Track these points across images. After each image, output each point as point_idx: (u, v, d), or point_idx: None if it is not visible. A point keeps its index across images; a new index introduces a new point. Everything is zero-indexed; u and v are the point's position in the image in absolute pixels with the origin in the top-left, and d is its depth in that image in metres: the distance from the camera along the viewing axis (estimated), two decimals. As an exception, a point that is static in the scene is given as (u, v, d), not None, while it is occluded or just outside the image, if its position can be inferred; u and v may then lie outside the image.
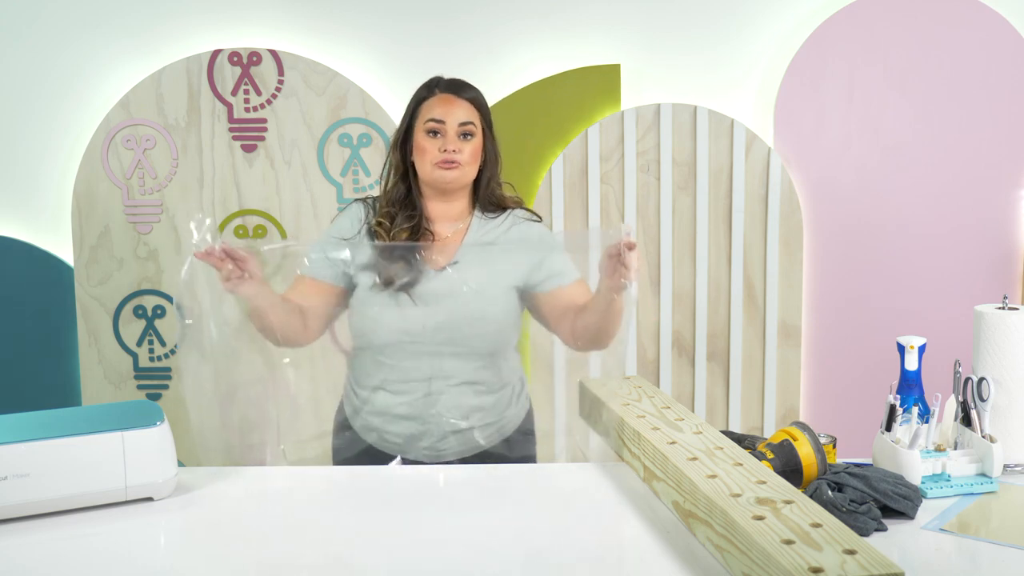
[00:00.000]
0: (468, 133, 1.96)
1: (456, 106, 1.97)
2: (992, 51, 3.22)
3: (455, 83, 2.01)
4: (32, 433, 1.63)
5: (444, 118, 1.95)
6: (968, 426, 1.78)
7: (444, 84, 2.01)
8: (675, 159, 3.27)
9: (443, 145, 1.94)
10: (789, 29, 3.28)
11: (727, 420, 3.35)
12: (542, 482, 1.79)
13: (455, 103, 1.97)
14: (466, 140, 1.96)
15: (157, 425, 1.70)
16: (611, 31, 3.28)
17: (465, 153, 1.95)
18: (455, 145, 1.94)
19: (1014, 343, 1.81)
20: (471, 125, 1.97)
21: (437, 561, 1.44)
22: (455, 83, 2.01)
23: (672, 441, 1.70)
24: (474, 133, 1.97)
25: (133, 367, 3.35)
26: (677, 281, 3.32)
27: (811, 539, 1.29)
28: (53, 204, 3.33)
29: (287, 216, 3.29)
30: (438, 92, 1.99)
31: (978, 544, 1.51)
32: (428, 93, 2.00)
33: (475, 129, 1.97)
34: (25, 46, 3.28)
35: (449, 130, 1.95)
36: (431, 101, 1.98)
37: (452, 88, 2.00)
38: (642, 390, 2.04)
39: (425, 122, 1.96)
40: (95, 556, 1.51)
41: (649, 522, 1.58)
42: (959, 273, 3.32)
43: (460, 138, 1.95)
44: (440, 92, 1.99)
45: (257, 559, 1.47)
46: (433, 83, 2.02)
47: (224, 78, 3.23)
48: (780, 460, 1.68)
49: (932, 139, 3.28)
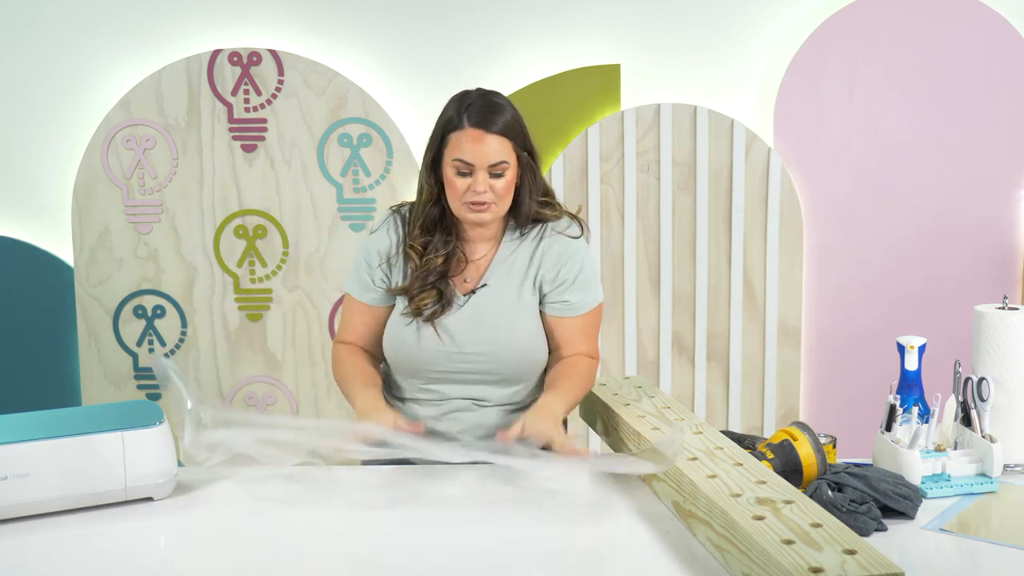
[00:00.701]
0: (499, 173, 1.82)
1: (485, 145, 1.80)
2: (992, 51, 3.22)
3: (485, 115, 1.82)
4: (32, 433, 1.63)
5: (473, 160, 1.80)
6: (968, 426, 1.78)
7: (474, 115, 1.82)
8: (675, 159, 3.27)
9: (473, 185, 1.81)
10: (789, 29, 3.28)
11: (727, 420, 3.35)
12: (542, 482, 1.78)
13: (484, 141, 1.80)
14: (498, 178, 1.82)
15: (157, 425, 1.70)
16: (611, 31, 3.28)
17: (497, 191, 1.83)
18: (484, 185, 1.81)
19: (1014, 343, 1.81)
20: (503, 164, 1.82)
21: (437, 561, 1.44)
22: (485, 115, 1.82)
23: (672, 441, 1.70)
24: (506, 170, 1.83)
25: (133, 367, 3.35)
26: (677, 281, 3.32)
27: (811, 539, 1.29)
28: (53, 204, 3.33)
29: (287, 216, 3.29)
30: (467, 125, 1.81)
31: (978, 544, 1.51)
32: (457, 122, 1.82)
33: (507, 165, 1.83)
34: (25, 46, 3.27)
35: (478, 171, 1.81)
36: (459, 136, 1.81)
37: (482, 122, 1.81)
38: (642, 390, 2.04)
39: (452, 160, 1.82)
40: (95, 556, 1.51)
41: (649, 522, 1.58)
42: (959, 273, 3.32)
43: (491, 176, 1.82)
44: (469, 126, 1.81)
45: (257, 559, 1.47)
46: (463, 107, 1.83)
47: (224, 78, 3.23)
48: (780, 460, 1.68)
49: (932, 139, 3.28)
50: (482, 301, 1.89)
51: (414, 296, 1.87)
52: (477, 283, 1.91)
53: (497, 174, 1.82)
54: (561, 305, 1.90)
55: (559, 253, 1.91)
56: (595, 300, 1.93)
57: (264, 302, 3.32)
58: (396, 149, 3.25)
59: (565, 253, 1.91)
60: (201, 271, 3.31)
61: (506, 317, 1.88)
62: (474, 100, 1.84)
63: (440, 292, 1.87)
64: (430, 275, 1.87)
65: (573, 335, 1.92)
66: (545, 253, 1.91)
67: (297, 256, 3.31)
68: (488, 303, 1.89)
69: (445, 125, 1.84)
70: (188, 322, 3.32)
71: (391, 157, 3.26)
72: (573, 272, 1.90)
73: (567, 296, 1.90)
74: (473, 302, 1.89)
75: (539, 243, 1.92)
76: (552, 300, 1.91)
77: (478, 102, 1.83)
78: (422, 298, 1.87)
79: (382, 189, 3.27)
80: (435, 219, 1.89)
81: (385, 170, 3.27)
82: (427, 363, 1.90)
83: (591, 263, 1.94)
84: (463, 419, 1.92)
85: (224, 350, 3.33)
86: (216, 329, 3.33)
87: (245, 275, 3.31)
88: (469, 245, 1.93)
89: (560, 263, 1.90)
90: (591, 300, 1.92)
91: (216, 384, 3.34)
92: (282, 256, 3.31)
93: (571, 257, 1.91)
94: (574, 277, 1.90)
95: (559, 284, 1.90)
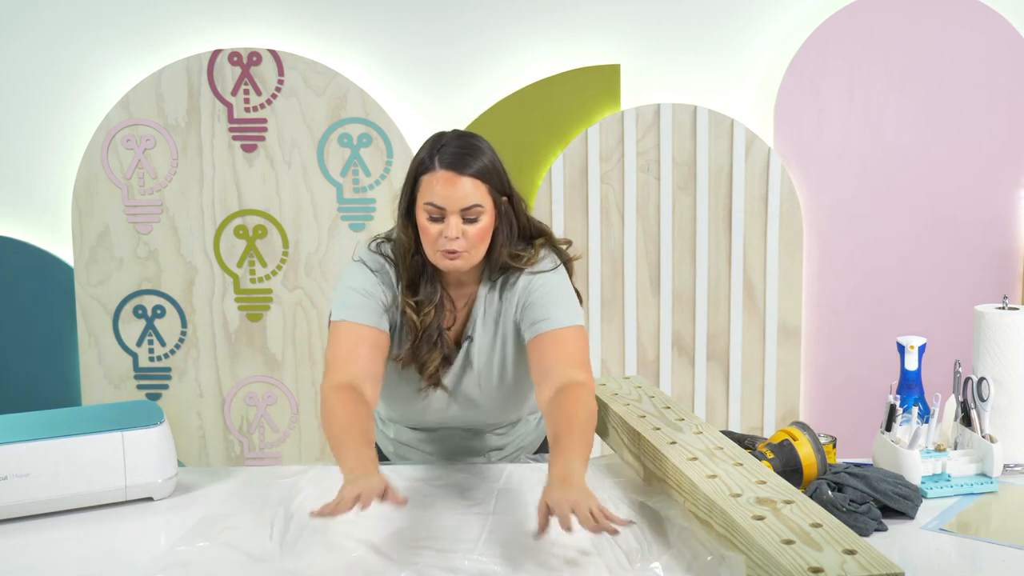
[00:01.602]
0: (473, 218, 1.71)
1: (457, 187, 1.69)
2: (992, 51, 3.22)
3: (458, 156, 1.71)
4: (32, 433, 1.63)
5: (444, 204, 1.69)
6: (968, 426, 1.78)
7: (446, 157, 1.71)
8: (675, 159, 3.27)
9: (444, 231, 1.70)
10: (789, 29, 3.28)
11: (727, 420, 3.35)
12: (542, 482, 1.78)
13: (456, 183, 1.69)
14: (471, 224, 1.71)
15: (157, 425, 1.70)
16: (611, 31, 3.28)
17: (470, 238, 1.71)
18: (456, 231, 1.70)
19: (1014, 343, 1.81)
20: (477, 208, 1.71)
21: (437, 561, 1.44)
22: (458, 156, 1.71)
23: (672, 441, 1.70)
24: (481, 214, 1.72)
25: (133, 367, 3.35)
26: (677, 281, 3.32)
27: (811, 539, 1.29)
28: (53, 204, 3.33)
29: (287, 216, 3.29)
30: (439, 167, 1.70)
31: (978, 544, 1.51)
32: (429, 164, 1.72)
33: (482, 210, 1.71)
34: (25, 46, 3.27)
35: (450, 215, 1.70)
36: (431, 177, 1.71)
37: (454, 163, 1.70)
38: (642, 390, 2.04)
39: (424, 204, 1.71)
40: (95, 556, 1.51)
41: (649, 522, 1.57)
42: (959, 273, 3.32)
43: (465, 222, 1.71)
44: (440, 168, 1.70)
45: (257, 559, 1.47)
46: (435, 149, 1.73)
47: (224, 78, 3.23)
48: (780, 460, 1.68)
49: (932, 139, 3.28)
50: (468, 354, 1.84)
51: (424, 362, 1.79)
52: (461, 332, 1.85)
53: (471, 219, 1.71)
54: (536, 325, 1.76)
55: (527, 283, 1.80)
56: (572, 319, 1.77)
57: (264, 302, 3.32)
58: (396, 149, 3.25)
59: (534, 282, 1.80)
60: (201, 271, 3.31)
61: (496, 367, 1.85)
62: (448, 141, 1.74)
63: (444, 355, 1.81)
64: (431, 334, 1.78)
65: (559, 355, 1.73)
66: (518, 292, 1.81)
67: (297, 256, 3.31)
68: (474, 355, 1.83)
69: (417, 168, 1.74)
70: (188, 322, 3.32)
71: (391, 157, 3.26)
72: (541, 292, 1.78)
73: (538, 313, 1.76)
74: (464, 357, 1.84)
75: (514, 287, 1.81)
76: (526, 324, 1.78)
77: (452, 143, 1.73)
78: (432, 360, 1.79)
79: (382, 189, 3.27)
80: (419, 270, 1.79)
81: (385, 170, 3.27)
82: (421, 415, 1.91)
83: (564, 288, 1.81)
84: (455, 442, 1.96)
85: (224, 350, 3.33)
86: (216, 329, 3.33)
87: (245, 275, 3.31)
88: (451, 290, 1.83)
89: (529, 290, 1.79)
90: (566, 317, 1.76)
91: (216, 384, 3.34)
92: (282, 256, 3.31)
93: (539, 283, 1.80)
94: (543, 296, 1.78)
95: (529, 307, 1.78)
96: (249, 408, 3.36)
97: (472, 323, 1.83)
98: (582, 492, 1.47)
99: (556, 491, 1.47)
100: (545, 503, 1.46)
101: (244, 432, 3.37)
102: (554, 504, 1.45)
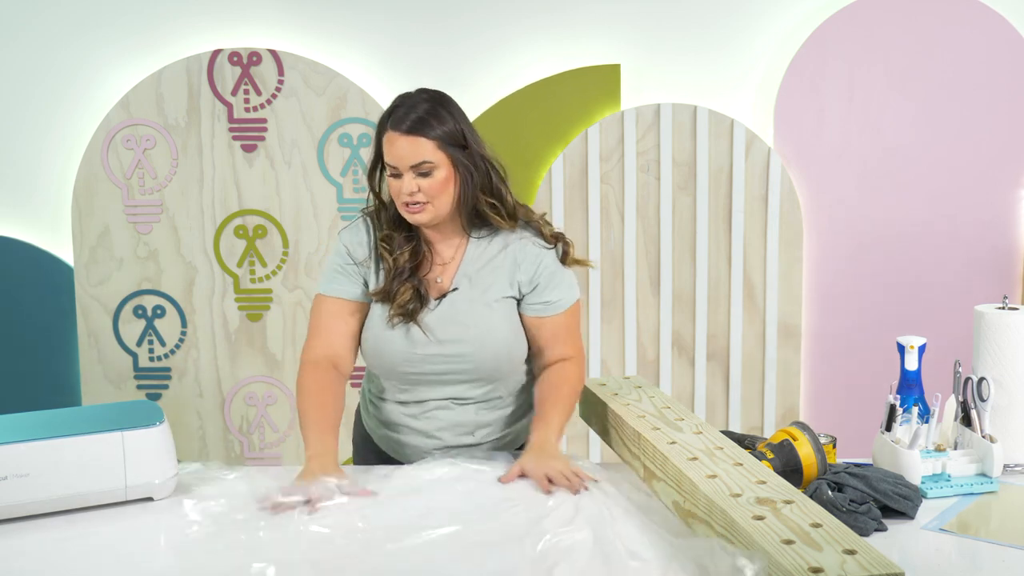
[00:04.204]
0: (425, 172, 1.81)
1: (408, 146, 1.81)
2: (992, 51, 3.22)
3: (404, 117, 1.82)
4: (32, 433, 1.63)
5: (396, 163, 1.82)
6: (968, 426, 1.78)
7: (396, 119, 1.82)
8: (675, 159, 3.27)
9: (401, 186, 1.83)
10: (789, 29, 3.28)
11: (727, 420, 3.35)
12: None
13: (403, 143, 1.81)
14: (426, 177, 1.82)
15: (157, 425, 1.69)
16: (611, 31, 3.28)
17: (427, 191, 1.82)
18: (412, 186, 1.81)
19: (1014, 343, 1.81)
20: (427, 164, 1.81)
21: (437, 561, 1.44)
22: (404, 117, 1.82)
23: (672, 441, 1.71)
24: (432, 169, 1.81)
25: (133, 367, 3.35)
26: (677, 281, 3.32)
27: (811, 539, 1.29)
28: (53, 204, 3.33)
29: (287, 216, 3.29)
30: (389, 128, 1.82)
31: (978, 544, 1.51)
32: (384, 127, 1.84)
33: (433, 165, 1.81)
34: (25, 45, 3.28)
35: (404, 173, 1.82)
36: (388, 137, 1.83)
37: (399, 124, 1.82)
38: (642, 390, 2.03)
39: (386, 163, 1.85)
40: (95, 556, 1.51)
41: (649, 522, 1.57)
42: (959, 273, 3.32)
43: (418, 177, 1.82)
44: (391, 129, 1.82)
45: (257, 559, 1.47)
46: (391, 110, 1.84)
47: (224, 78, 3.23)
48: (780, 460, 1.68)
49: (932, 139, 3.28)
50: (454, 303, 1.90)
51: (394, 294, 1.88)
52: (448, 285, 1.92)
53: (423, 173, 1.81)
54: (541, 306, 1.91)
55: (534, 255, 1.91)
56: (573, 297, 1.94)
57: (264, 302, 3.32)
58: (396, 149, 3.25)
59: (538, 256, 1.91)
60: (201, 271, 3.31)
61: (481, 318, 1.89)
62: (401, 102, 1.84)
63: (416, 289, 1.89)
64: (403, 272, 1.88)
65: (555, 336, 1.93)
66: (517, 255, 1.91)
67: (297, 256, 3.31)
68: (460, 305, 1.90)
69: (378, 129, 1.87)
70: (188, 322, 3.32)
71: (391, 157, 3.26)
72: (548, 272, 1.91)
73: (546, 296, 1.91)
74: (446, 303, 1.90)
75: (506, 247, 1.92)
76: (531, 302, 1.92)
77: (404, 105, 1.83)
78: (401, 293, 1.87)
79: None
80: (393, 218, 1.91)
81: (385, 170, 3.26)
82: (407, 363, 1.91)
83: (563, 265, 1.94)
84: (441, 417, 1.95)
85: (224, 350, 3.33)
86: (216, 329, 3.33)
87: (245, 275, 3.31)
88: (434, 244, 1.94)
89: (535, 265, 1.91)
90: (569, 297, 1.93)
91: (216, 384, 3.34)
92: (282, 256, 3.31)
93: (543, 258, 1.91)
94: (550, 276, 1.91)
95: (535, 286, 1.91)
96: (249, 408, 3.36)
97: (460, 275, 1.91)
98: (555, 457, 1.75)
99: (532, 457, 1.75)
100: (519, 467, 1.74)
101: (244, 432, 3.37)
102: (529, 471, 1.73)
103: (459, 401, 1.95)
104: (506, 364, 1.94)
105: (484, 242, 1.93)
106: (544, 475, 1.70)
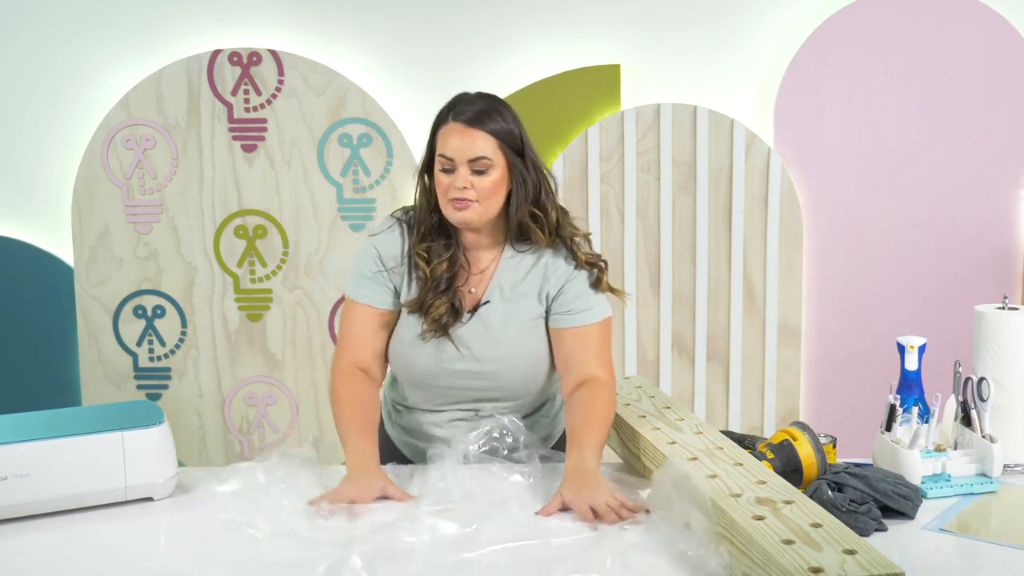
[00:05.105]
0: (482, 170, 1.77)
1: (468, 139, 1.76)
2: (992, 51, 3.22)
3: (472, 111, 1.79)
4: (32, 433, 1.63)
5: (453, 154, 1.76)
6: (968, 426, 1.78)
7: (461, 111, 1.79)
8: (675, 159, 3.27)
9: (454, 180, 1.77)
10: (789, 29, 3.28)
11: (727, 420, 3.35)
12: (543, 481, 1.78)
13: (468, 135, 1.76)
14: (481, 175, 1.77)
15: (157, 425, 1.69)
16: (611, 31, 3.28)
17: (479, 190, 1.77)
18: (465, 181, 1.76)
19: (1014, 343, 1.81)
20: (485, 160, 1.76)
21: (438, 561, 1.44)
22: (472, 111, 1.79)
23: (672, 441, 1.71)
24: (490, 167, 1.77)
25: (133, 367, 3.35)
26: (677, 281, 3.32)
27: (811, 539, 1.29)
28: (53, 204, 3.33)
29: (287, 216, 3.29)
30: (451, 120, 1.78)
31: (978, 544, 1.51)
32: (443, 119, 1.81)
33: (491, 163, 1.77)
34: (25, 45, 3.28)
35: (459, 166, 1.77)
36: (445, 130, 1.79)
37: (466, 116, 1.78)
38: (642, 390, 2.04)
39: (438, 156, 1.79)
40: (95, 556, 1.51)
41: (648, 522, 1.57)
42: (959, 273, 3.32)
43: (473, 174, 1.77)
44: (453, 120, 1.78)
45: (257, 559, 1.47)
46: (451, 104, 1.82)
47: (224, 78, 3.23)
48: (780, 460, 1.68)
49: (932, 139, 3.28)
50: (486, 319, 1.86)
51: (428, 306, 1.83)
52: (481, 296, 1.88)
53: (479, 170, 1.77)
54: (566, 316, 1.85)
55: (564, 269, 1.87)
56: (603, 312, 1.87)
57: (264, 302, 3.32)
58: (396, 149, 3.25)
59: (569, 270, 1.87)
60: (201, 271, 3.31)
61: (512, 339, 1.85)
62: (467, 98, 1.82)
63: (451, 303, 1.84)
64: (440, 283, 1.84)
65: (584, 351, 1.83)
66: (548, 268, 1.87)
67: (297, 256, 3.31)
68: (493, 321, 1.86)
69: (435, 123, 1.83)
70: (188, 322, 3.32)
71: (391, 157, 3.26)
72: (577, 284, 1.86)
73: (573, 305, 1.85)
74: (478, 318, 1.86)
75: (539, 259, 1.88)
76: (557, 311, 1.86)
77: (470, 99, 1.81)
78: (436, 307, 1.82)
79: (382, 189, 3.27)
80: (434, 225, 1.86)
81: (385, 170, 3.27)
82: (435, 377, 1.88)
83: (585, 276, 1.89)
84: (465, 428, 1.91)
85: (224, 350, 3.33)
86: (216, 329, 3.33)
87: (245, 275, 3.31)
88: (471, 253, 1.89)
89: (564, 278, 1.86)
90: (598, 312, 1.86)
91: (216, 384, 3.34)
92: (282, 256, 3.31)
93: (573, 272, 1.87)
94: (579, 287, 1.86)
95: (563, 294, 1.85)
96: (249, 408, 3.36)
97: (493, 288, 1.87)
98: (597, 485, 1.60)
99: (572, 485, 1.60)
100: (560, 497, 1.59)
101: (244, 432, 3.37)
102: (571, 503, 1.58)
103: (484, 414, 1.91)
104: (532, 382, 1.91)
105: (520, 256, 1.88)
106: (588, 507, 1.56)
